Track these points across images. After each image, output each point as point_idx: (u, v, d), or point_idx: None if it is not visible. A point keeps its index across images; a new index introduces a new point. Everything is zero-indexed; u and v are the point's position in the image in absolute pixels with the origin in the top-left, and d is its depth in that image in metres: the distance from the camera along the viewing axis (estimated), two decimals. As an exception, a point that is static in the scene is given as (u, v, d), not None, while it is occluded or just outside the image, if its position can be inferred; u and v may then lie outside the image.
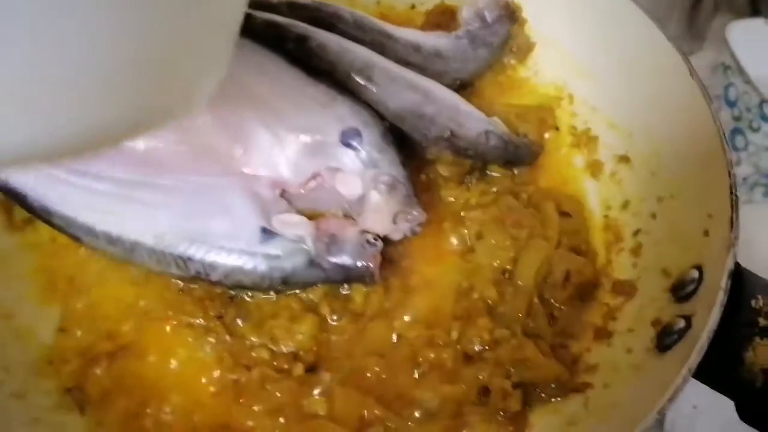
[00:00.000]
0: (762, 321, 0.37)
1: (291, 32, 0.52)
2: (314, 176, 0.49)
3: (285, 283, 0.46)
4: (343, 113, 0.49)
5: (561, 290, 0.46)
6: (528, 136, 0.55)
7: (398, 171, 0.48)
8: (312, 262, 0.46)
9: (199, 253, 0.46)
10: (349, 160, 0.48)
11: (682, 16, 0.96)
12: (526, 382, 0.43)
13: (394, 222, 0.48)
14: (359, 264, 0.46)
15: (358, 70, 0.51)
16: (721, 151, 0.43)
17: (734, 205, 0.40)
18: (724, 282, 0.37)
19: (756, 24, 0.77)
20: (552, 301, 0.47)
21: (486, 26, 0.61)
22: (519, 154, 0.53)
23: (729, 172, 0.42)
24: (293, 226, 0.47)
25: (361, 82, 0.50)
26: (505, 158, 0.53)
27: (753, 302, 0.38)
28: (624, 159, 0.53)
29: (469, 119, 0.52)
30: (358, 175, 0.48)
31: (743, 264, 0.41)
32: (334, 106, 0.49)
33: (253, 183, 0.49)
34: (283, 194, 0.50)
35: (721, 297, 0.36)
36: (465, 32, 0.61)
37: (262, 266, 0.45)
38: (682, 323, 0.39)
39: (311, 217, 0.49)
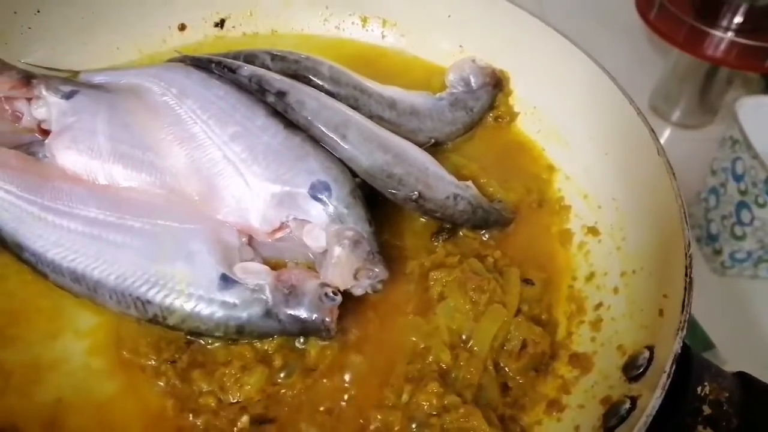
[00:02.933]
0: (706, 409, 0.37)
1: (272, 86, 0.54)
2: (282, 226, 0.50)
3: (240, 333, 0.46)
4: (315, 167, 0.50)
5: (516, 360, 0.46)
6: (502, 202, 0.56)
7: (364, 227, 0.49)
8: (268, 313, 0.46)
9: (158, 296, 0.46)
10: (317, 213, 0.49)
11: (695, 90, 0.98)
12: (470, 452, 0.42)
13: (356, 278, 0.48)
14: (315, 317, 0.46)
15: (334, 127, 0.52)
16: (680, 231, 0.43)
17: (687, 288, 0.40)
18: (668, 366, 0.36)
19: (766, 101, 0.78)
20: (506, 370, 0.46)
21: (470, 91, 0.63)
22: (488, 220, 0.54)
23: (686, 253, 0.42)
24: (254, 274, 0.47)
25: (336, 139, 0.52)
26: (473, 223, 0.53)
27: (699, 389, 0.37)
28: (593, 231, 0.54)
29: (439, 182, 0.53)
30: (324, 228, 0.49)
31: (746, 339, 0.40)
32: (306, 159, 0.51)
33: (221, 229, 0.50)
34: (250, 242, 0.51)
35: (663, 381, 0.36)
36: (448, 94, 0.63)
37: (218, 313, 0.46)
38: (628, 404, 0.38)
39: (275, 266, 0.50)
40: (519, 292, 0.49)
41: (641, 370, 0.40)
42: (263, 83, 0.54)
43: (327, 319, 0.46)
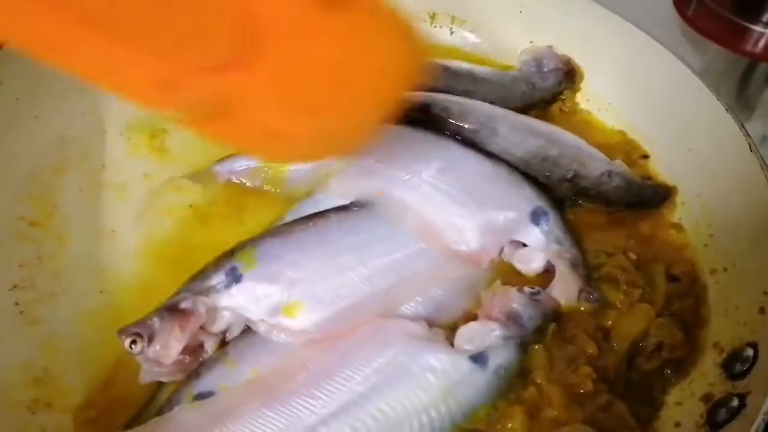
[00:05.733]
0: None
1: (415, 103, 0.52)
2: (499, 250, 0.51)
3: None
4: (531, 194, 0.51)
5: (647, 359, 0.47)
6: (652, 179, 0.59)
7: (579, 252, 0.51)
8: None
9: None
10: (535, 237, 0.51)
11: (732, 87, 0.98)
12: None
13: (578, 297, 0.50)
14: (545, 314, 0.48)
15: (483, 123, 0.54)
16: (779, 228, 0.45)
17: (794, 285, 0.41)
18: (781, 363, 0.38)
19: (808, 97, 0.79)
20: (636, 365, 0.47)
21: (539, 72, 0.64)
22: (642, 195, 0.56)
23: (787, 252, 0.44)
24: (477, 335, 0.47)
25: (487, 135, 0.53)
26: (627, 199, 0.56)
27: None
28: (676, 227, 0.56)
29: (592, 159, 0.55)
30: (543, 249, 0.50)
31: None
32: (521, 185, 0.51)
33: (410, 329, 0.47)
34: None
35: (778, 378, 0.37)
36: (517, 71, 0.65)
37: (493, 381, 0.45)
38: (735, 401, 0.40)
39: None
40: (665, 289, 0.50)
41: (746, 368, 0.42)
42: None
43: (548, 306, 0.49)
